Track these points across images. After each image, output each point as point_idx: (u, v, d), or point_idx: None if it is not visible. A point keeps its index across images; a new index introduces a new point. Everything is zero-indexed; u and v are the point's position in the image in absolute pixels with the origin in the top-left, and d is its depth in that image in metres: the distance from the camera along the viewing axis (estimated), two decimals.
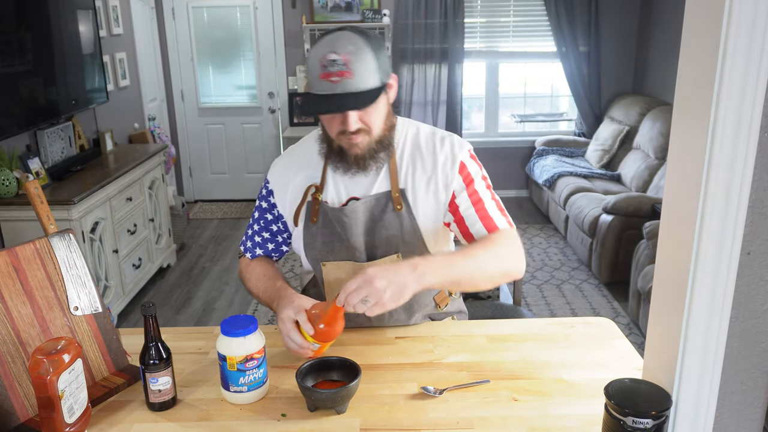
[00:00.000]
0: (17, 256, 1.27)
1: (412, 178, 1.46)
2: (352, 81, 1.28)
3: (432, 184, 1.46)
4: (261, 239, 1.59)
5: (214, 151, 5.93)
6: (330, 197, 1.49)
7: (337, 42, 1.30)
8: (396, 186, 1.45)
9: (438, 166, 1.46)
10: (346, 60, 1.27)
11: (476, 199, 1.45)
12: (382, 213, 1.46)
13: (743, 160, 0.91)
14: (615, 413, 1.03)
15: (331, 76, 1.28)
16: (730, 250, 0.95)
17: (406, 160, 1.47)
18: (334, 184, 1.49)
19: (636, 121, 4.99)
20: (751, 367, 1.02)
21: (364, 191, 1.47)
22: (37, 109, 3.45)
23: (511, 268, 1.40)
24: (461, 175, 1.46)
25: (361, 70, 1.29)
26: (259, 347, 1.26)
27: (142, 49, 5.16)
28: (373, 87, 1.31)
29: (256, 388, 1.27)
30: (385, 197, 1.46)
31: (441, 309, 1.59)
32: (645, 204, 3.84)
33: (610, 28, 5.52)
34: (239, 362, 1.23)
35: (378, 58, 1.31)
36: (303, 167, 1.52)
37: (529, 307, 3.76)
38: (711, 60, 0.89)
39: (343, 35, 1.32)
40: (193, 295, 4.07)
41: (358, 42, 1.30)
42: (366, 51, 1.30)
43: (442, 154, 1.46)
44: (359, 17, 5.43)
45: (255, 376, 1.26)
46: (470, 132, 6.02)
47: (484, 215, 1.44)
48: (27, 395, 1.22)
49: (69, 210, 3.11)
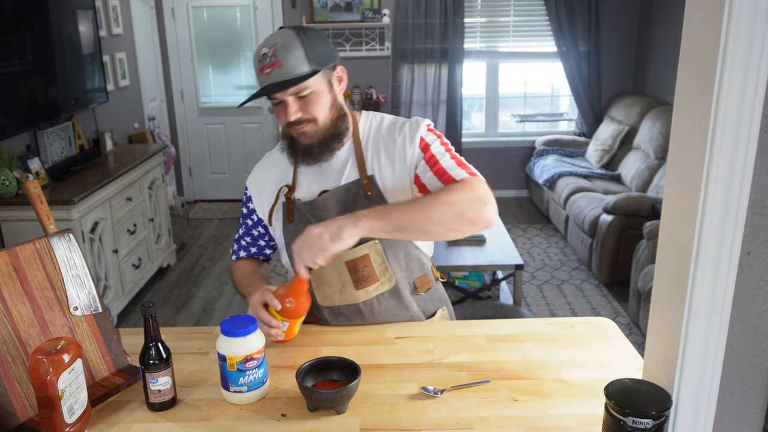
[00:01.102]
0: (17, 256, 1.27)
1: (379, 165, 1.51)
2: (280, 70, 1.37)
3: (397, 166, 1.50)
4: (245, 243, 1.68)
5: (214, 151, 5.94)
6: (303, 194, 1.55)
7: (269, 38, 1.40)
8: (364, 173, 1.50)
9: (398, 148, 1.50)
10: (274, 51, 1.37)
11: (433, 162, 1.46)
12: (354, 201, 1.49)
13: (743, 160, 0.91)
14: (615, 413, 1.03)
15: (264, 69, 1.39)
16: (730, 250, 0.95)
17: (371, 148, 1.53)
18: (306, 181, 1.55)
19: (636, 121, 4.99)
20: (751, 367, 1.02)
21: (334, 183, 1.52)
22: (37, 109, 3.45)
23: (466, 211, 1.32)
24: (421, 149, 1.49)
25: (289, 59, 1.37)
26: (259, 347, 1.26)
27: (142, 49, 5.16)
28: (304, 73, 1.38)
29: (256, 388, 1.27)
30: (354, 185, 1.50)
31: (420, 293, 1.59)
32: (645, 204, 3.84)
33: (610, 28, 5.52)
34: (239, 362, 1.24)
35: (308, 49, 1.39)
36: (276, 169, 1.60)
37: (529, 307, 3.76)
38: (711, 60, 0.89)
39: (276, 32, 1.42)
40: (193, 295, 4.07)
41: (287, 35, 1.39)
42: (294, 42, 1.38)
43: (401, 136, 1.51)
44: (359, 17, 5.43)
45: (255, 376, 1.26)
46: (470, 132, 6.02)
47: (442, 173, 1.43)
48: (27, 395, 1.21)
49: (69, 210, 3.11)
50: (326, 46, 1.44)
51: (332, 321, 1.59)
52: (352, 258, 1.50)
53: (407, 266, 1.56)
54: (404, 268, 1.56)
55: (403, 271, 1.56)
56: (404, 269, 1.56)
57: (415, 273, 1.58)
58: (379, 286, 1.53)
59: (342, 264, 1.51)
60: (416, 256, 1.57)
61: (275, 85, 1.38)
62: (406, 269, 1.56)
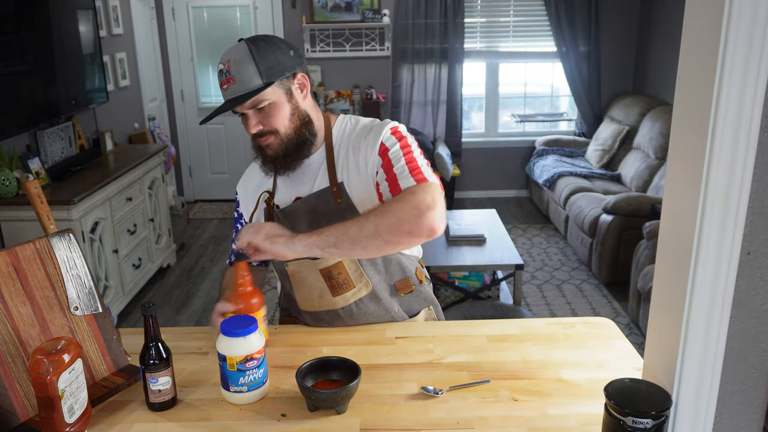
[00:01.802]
0: (17, 256, 1.27)
1: (347, 171, 1.49)
2: (235, 86, 1.40)
3: (361, 173, 1.48)
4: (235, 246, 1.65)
5: (214, 151, 5.94)
6: (280, 200, 1.56)
7: (225, 54, 1.42)
8: (334, 180, 1.48)
9: (362, 154, 1.48)
10: (228, 68, 1.40)
11: (388, 168, 1.40)
12: (325, 208, 1.49)
13: (743, 160, 0.91)
14: (615, 413, 1.03)
15: (223, 85, 1.42)
16: (730, 250, 0.95)
17: (342, 154, 1.51)
18: (284, 187, 1.56)
19: (636, 121, 4.99)
20: (751, 367, 1.02)
21: (307, 190, 1.52)
22: (37, 109, 3.45)
23: (402, 222, 1.26)
24: (380, 155, 1.44)
25: (242, 74, 1.39)
26: (259, 347, 1.26)
27: (142, 49, 5.16)
28: (254, 88, 1.39)
29: (256, 388, 1.27)
30: (325, 193, 1.49)
31: (402, 295, 1.58)
32: (645, 204, 3.84)
33: (610, 28, 5.52)
34: (239, 362, 1.24)
35: (259, 62, 1.39)
36: (257, 175, 1.61)
37: (529, 307, 3.76)
38: (711, 60, 0.89)
39: (232, 47, 1.43)
40: (193, 295, 4.07)
41: (239, 50, 1.40)
42: (245, 57, 1.39)
43: (365, 141, 1.48)
44: (359, 17, 5.43)
45: (255, 376, 1.26)
46: (470, 132, 6.02)
47: (394, 183, 1.38)
48: (27, 395, 1.22)
49: (69, 210, 3.11)
50: (281, 56, 1.42)
51: (313, 324, 1.59)
52: (325, 266, 1.50)
53: (386, 270, 1.55)
54: (382, 272, 1.55)
55: (381, 275, 1.55)
56: (382, 273, 1.55)
57: (396, 276, 1.56)
58: (356, 292, 1.53)
59: (316, 272, 1.51)
60: (396, 259, 1.55)
61: (231, 101, 1.40)
62: (385, 272, 1.55)
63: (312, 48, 5.53)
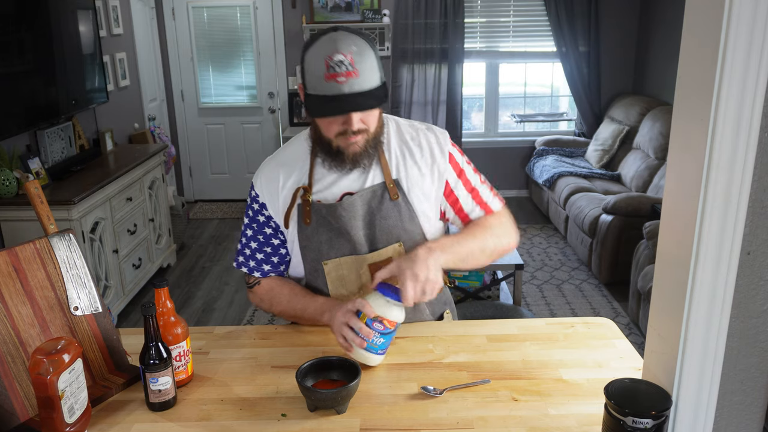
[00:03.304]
0: (17, 256, 1.27)
1: (405, 168, 1.50)
2: (357, 80, 1.30)
3: (424, 172, 1.51)
4: (263, 255, 1.56)
5: (214, 151, 5.94)
6: (322, 196, 1.50)
7: (340, 42, 1.31)
8: (389, 177, 1.49)
9: (426, 155, 1.51)
10: (352, 60, 1.30)
11: (470, 187, 1.55)
12: (380, 204, 1.48)
13: (743, 160, 0.91)
14: (615, 413, 1.03)
15: (338, 77, 1.29)
16: (730, 250, 0.95)
17: (395, 152, 1.51)
18: (325, 182, 1.50)
19: (636, 121, 4.99)
20: (751, 367, 1.02)
21: (358, 186, 1.49)
22: (37, 109, 3.45)
23: (507, 243, 1.54)
24: (451, 164, 1.53)
25: (366, 69, 1.31)
26: (394, 319, 1.33)
27: (142, 49, 5.16)
28: (376, 85, 1.35)
29: (373, 353, 1.34)
30: (380, 188, 1.49)
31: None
32: (645, 204, 3.84)
33: (610, 28, 5.52)
34: (371, 318, 1.31)
35: (377, 58, 1.36)
36: (290, 172, 1.52)
37: (529, 307, 3.76)
38: (711, 60, 0.89)
39: (343, 36, 1.33)
40: (193, 295, 4.07)
41: (359, 42, 1.33)
42: (368, 50, 1.34)
43: (427, 144, 1.52)
44: (359, 17, 5.43)
45: (378, 341, 1.33)
46: (470, 132, 6.02)
47: (480, 201, 1.56)
48: (27, 395, 1.22)
49: (69, 210, 3.11)
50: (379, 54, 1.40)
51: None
52: (376, 261, 1.49)
53: None
54: None
55: None
56: None
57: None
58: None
59: (364, 266, 1.50)
60: None
61: (356, 99, 1.31)
62: None
63: None
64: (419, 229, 1.51)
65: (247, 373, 1.38)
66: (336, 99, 1.31)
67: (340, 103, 1.31)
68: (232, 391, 1.31)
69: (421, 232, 1.52)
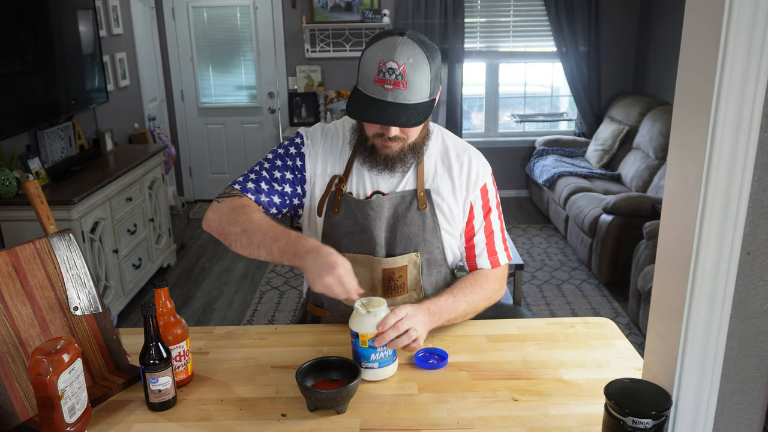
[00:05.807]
0: (17, 256, 1.27)
1: (439, 183, 1.51)
2: (403, 92, 1.30)
3: (456, 193, 1.52)
4: (269, 188, 1.46)
5: (214, 151, 5.93)
6: (354, 189, 1.51)
7: (398, 50, 1.30)
8: (422, 186, 1.49)
9: (464, 180, 1.52)
10: (404, 71, 1.29)
11: (489, 231, 1.56)
12: (407, 210, 1.49)
13: (743, 160, 0.91)
14: (615, 413, 1.03)
15: (386, 83, 1.30)
16: (730, 250, 0.95)
17: (435, 164, 1.52)
18: (360, 177, 1.50)
19: (636, 121, 4.99)
20: (751, 367, 1.02)
21: (390, 187, 1.50)
22: (37, 109, 3.45)
23: (495, 300, 1.58)
24: (482, 198, 1.53)
25: (416, 83, 1.30)
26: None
27: (142, 49, 5.16)
28: (423, 101, 1.33)
29: (387, 366, 1.32)
30: (410, 195, 1.49)
31: None
32: (645, 204, 3.84)
33: (610, 28, 5.52)
34: (371, 339, 1.29)
35: (432, 72, 1.33)
36: (332, 155, 1.51)
37: (529, 307, 3.76)
38: (711, 60, 0.89)
39: (405, 43, 1.31)
40: (193, 295, 4.07)
41: (417, 54, 1.30)
42: (424, 65, 1.31)
43: (468, 170, 1.52)
44: (359, 17, 5.43)
45: (386, 353, 1.31)
46: (470, 132, 6.02)
47: (492, 250, 1.57)
48: (27, 395, 1.21)
49: (69, 210, 3.11)
50: (440, 64, 1.36)
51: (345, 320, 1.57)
52: (391, 266, 1.49)
53: (436, 285, 1.57)
54: (434, 286, 1.57)
55: (433, 288, 1.57)
56: (433, 287, 1.57)
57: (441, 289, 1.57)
58: (406, 298, 1.53)
59: (379, 270, 1.50)
60: (448, 279, 1.60)
61: (398, 111, 1.30)
62: (434, 287, 1.57)
63: (312, 48, 5.53)
64: (440, 243, 1.53)
65: (247, 373, 1.38)
66: (377, 104, 1.31)
67: (381, 110, 1.31)
68: (232, 391, 1.31)
69: (440, 247, 1.53)
